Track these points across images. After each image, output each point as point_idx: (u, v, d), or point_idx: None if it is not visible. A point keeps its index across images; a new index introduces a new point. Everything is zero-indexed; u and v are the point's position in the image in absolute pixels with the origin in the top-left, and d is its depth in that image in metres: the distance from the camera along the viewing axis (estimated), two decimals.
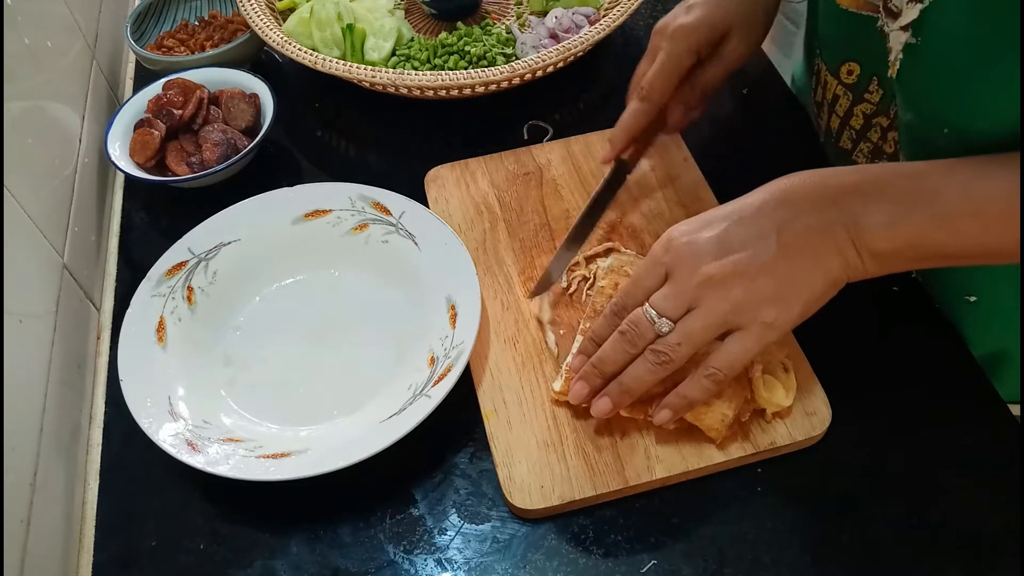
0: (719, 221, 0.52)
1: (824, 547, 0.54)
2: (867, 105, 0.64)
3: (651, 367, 0.52)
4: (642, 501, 0.56)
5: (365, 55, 0.85)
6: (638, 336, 0.53)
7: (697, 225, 0.53)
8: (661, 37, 0.66)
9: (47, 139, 0.70)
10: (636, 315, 0.53)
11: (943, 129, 0.52)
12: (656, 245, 0.54)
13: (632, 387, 0.54)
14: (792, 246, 0.50)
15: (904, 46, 0.52)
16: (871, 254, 0.50)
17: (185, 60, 0.85)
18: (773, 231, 0.50)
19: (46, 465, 0.56)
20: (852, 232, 0.49)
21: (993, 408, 0.60)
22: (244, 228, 0.70)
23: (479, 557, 0.55)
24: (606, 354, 0.55)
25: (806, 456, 0.58)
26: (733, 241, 0.51)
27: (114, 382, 0.63)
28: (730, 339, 0.51)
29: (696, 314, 0.51)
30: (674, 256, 0.52)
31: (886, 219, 0.49)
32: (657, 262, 0.53)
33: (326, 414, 0.61)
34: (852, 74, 0.64)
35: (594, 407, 0.56)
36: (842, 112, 0.67)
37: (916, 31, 0.51)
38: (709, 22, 0.65)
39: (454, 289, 0.64)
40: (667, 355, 0.52)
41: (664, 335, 0.52)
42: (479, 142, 0.80)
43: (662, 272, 0.53)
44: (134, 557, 0.56)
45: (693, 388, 0.53)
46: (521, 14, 0.93)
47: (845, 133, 0.68)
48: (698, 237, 0.52)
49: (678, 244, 0.52)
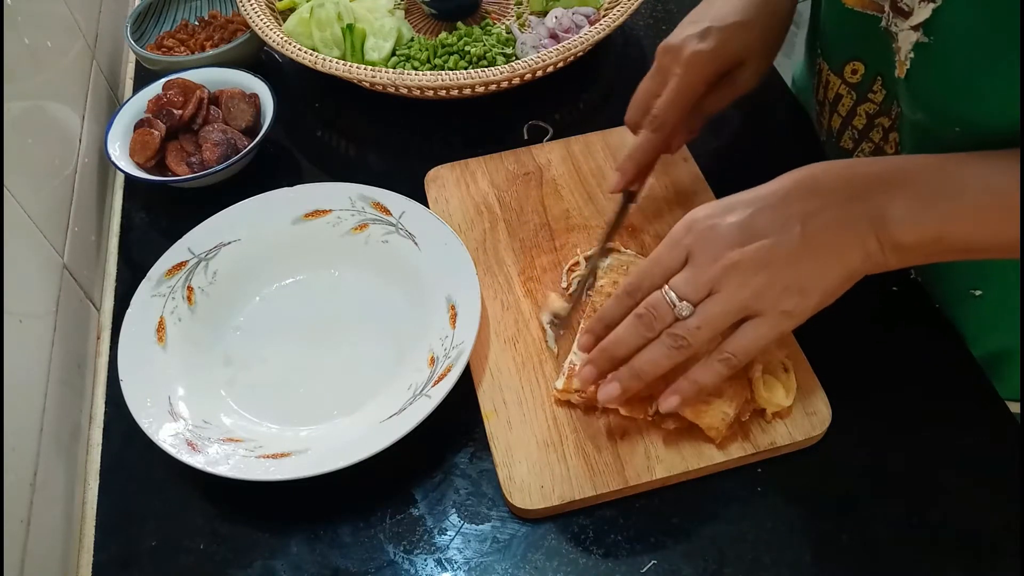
0: (743, 207, 0.51)
1: (824, 547, 0.54)
2: (870, 105, 0.64)
3: (668, 351, 0.51)
4: (642, 501, 0.56)
5: (365, 55, 0.85)
6: (656, 319, 0.52)
7: (720, 209, 0.52)
8: (674, 62, 0.63)
9: (47, 139, 0.70)
10: (655, 298, 0.52)
11: (954, 128, 0.52)
12: (677, 226, 0.53)
13: (646, 371, 0.53)
14: (816, 237, 0.50)
15: (915, 45, 0.52)
16: (894, 247, 0.49)
17: (185, 60, 0.85)
18: (797, 221, 0.50)
19: (46, 465, 0.56)
20: (877, 225, 0.49)
21: (993, 408, 0.60)
22: (244, 228, 0.70)
23: (479, 557, 0.55)
24: (619, 337, 0.53)
25: (806, 456, 0.58)
26: (757, 228, 0.50)
27: (114, 382, 0.63)
28: (747, 325, 0.51)
29: (717, 299, 0.50)
30: (696, 238, 0.51)
31: (911, 212, 0.49)
32: (678, 243, 0.52)
33: (326, 414, 0.61)
34: (856, 73, 0.63)
35: (602, 391, 0.54)
36: (844, 112, 0.66)
37: (928, 30, 0.51)
38: (727, 52, 0.63)
39: (454, 289, 0.64)
40: (685, 339, 0.51)
41: (684, 319, 0.51)
42: (479, 142, 0.80)
43: (683, 254, 0.52)
44: (134, 557, 0.56)
45: (706, 373, 0.52)
46: (521, 14, 0.93)
47: (847, 133, 0.67)
48: (722, 221, 0.51)
49: (702, 227, 0.52)
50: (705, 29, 0.62)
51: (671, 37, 0.64)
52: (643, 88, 0.66)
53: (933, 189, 0.49)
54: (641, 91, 0.66)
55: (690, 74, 0.62)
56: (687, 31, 0.63)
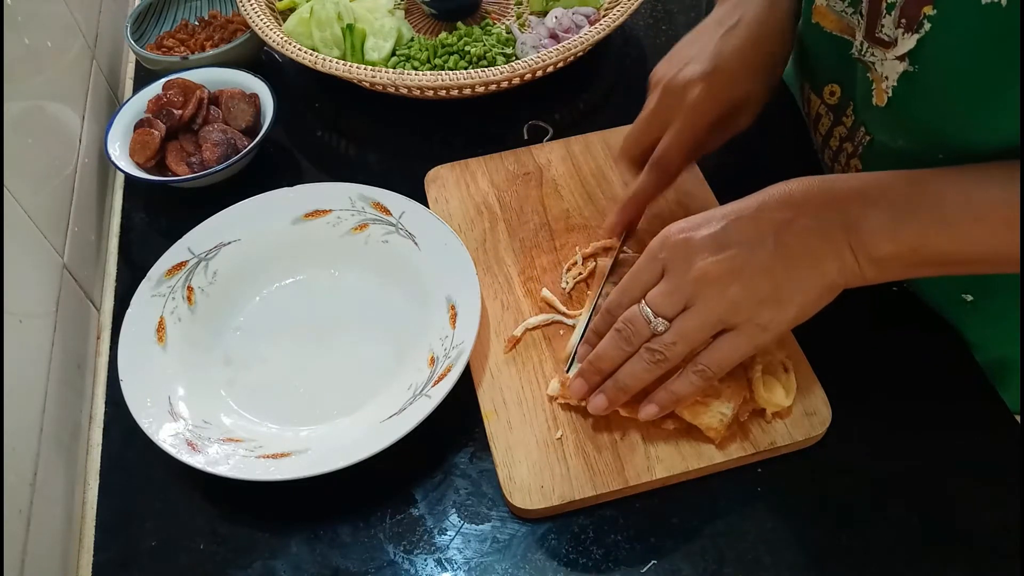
0: (717, 219, 0.52)
1: (824, 547, 0.54)
2: (842, 128, 0.63)
3: (647, 365, 0.53)
4: (642, 501, 0.56)
5: (365, 55, 0.85)
6: (634, 334, 0.53)
7: (695, 223, 0.53)
8: (677, 104, 0.60)
9: (47, 139, 0.70)
10: (632, 313, 0.53)
11: (938, 155, 0.52)
12: (653, 241, 0.54)
13: (628, 384, 0.54)
14: (789, 247, 0.50)
15: (900, 75, 0.52)
16: (870, 259, 0.49)
17: (185, 60, 0.85)
18: (771, 231, 0.50)
19: (46, 465, 0.56)
20: (851, 236, 0.49)
21: (993, 408, 0.60)
22: (244, 228, 0.70)
23: (479, 557, 0.55)
24: (603, 351, 0.55)
25: (806, 456, 0.58)
26: (730, 238, 0.51)
27: (114, 382, 0.63)
28: (722, 338, 0.52)
29: (691, 313, 0.51)
30: (670, 252, 0.53)
31: (887, 223, 0.49)
32: (654, 258, 0.53)
33: (326, 414, 0.61)
34: (834, 95, 0.63)
35: (590, 404, 0.56)
36: (824, 131, 0.66)
37: (913, 59, 0.50)
38: (731, 97, 0.61)
39: (454, 289, 0.64)
40: (662, 354, 0.52)
41: (660, 334, 0.52)
42: (479, 142, 0.80)
43: (659, 268, 0.53)
44: (134, 557, 0.56)
45: (681, 384, 0.53)
46: (521, 14, 0.93)
47: (826, 151, 0.67)
48: (695, 234, 0.52)
49: (675, 240, 0.53)
50: (709, 72, 0.59)
51: (671, 72, 0.61)
52: (641, 125, 0.64)
53: (910, 201, 0.49)
54: (639, 128, 0.64)
55: (695, 119, 0.60)
56: (690, 71, 0.60)
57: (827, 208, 0.50)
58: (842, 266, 0.50)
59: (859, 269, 0.50)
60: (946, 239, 0.48)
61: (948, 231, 0.48)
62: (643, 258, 0.54)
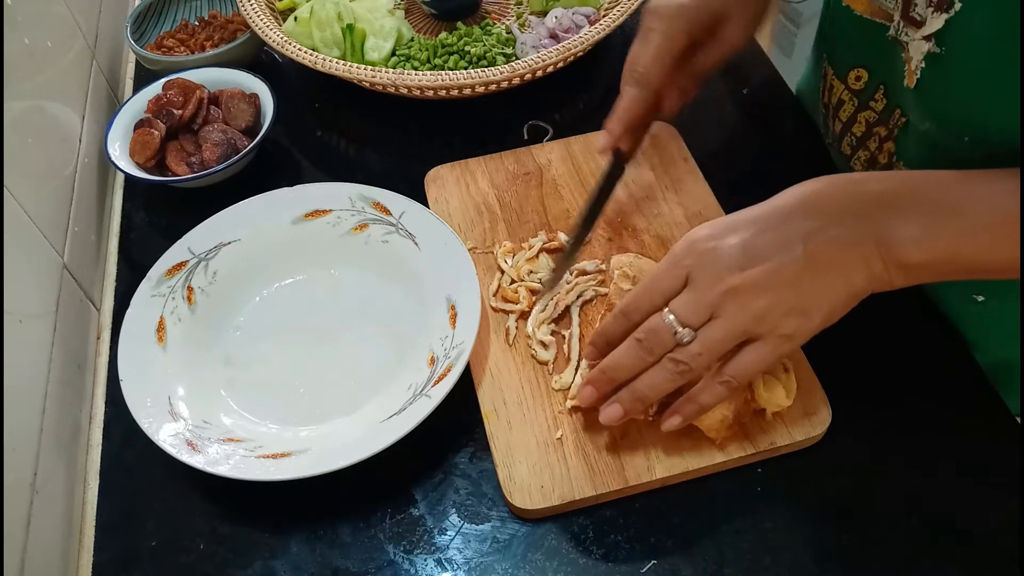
0: (744, 227, 0.50)
1: (824, 547, 0.54)
2: (870, 113, 0.63)
3: (669, 375, 0.51)
4: (642, 501, 0.56)
5: (365, 55, 0.85)
6: (657, 344, 0.51)
7: (720, 230, 0.51)
8: (654, 18, 0.63)
9: (47, 139, 0.70)
10: (655, 322, 0.51)
11: (963, 138, 0.52)
12: (676, 247, 0.52)
13: (647, 395, 0.52)
14: (818, 258, 0.49)
15: (926, 55, 0.52)
16: (899, 267, 0.48)
17: (185, 60, 0.85)
18: (800, 241, 0.49)
19: (46, 465, 0.56)
20: (882, 247, 0.48)
21: (994, 409, 0.60)
22: (244, 228, 0.70)
23: (479, 557, 0.55)
24: (619, 360, 0.53)
25: (806, 456, 0.58)
26: (758, 250, 0.49)
27: (114, 382, 0.63)
28: (748, 348, 0.50)
29: (717, 324, 0.49)
30: (696, 260, 0.50)
31: (918, 233, 0.48)
32: (678, 264, 0.51)
33: (326, 414, 0.61)
34: (860, 80, 0.63)
35: (603, 414, 0.54)
36: (845, 117, 0.66)
37: (939, 41, 0.50)
38: (704, 3, 0.63)
39: (454, 289, 0.64)
40: (687, 364, 0.50)
41: (684, 344, 0.50)
42: (479, 142, 0.80)
43: (683, 275, 0.51)
44: (134, 557, 0.56)
45: (708, 395, 0.52)
46: (521, 14, 0.93)
47: (846, 138, 0.67)
48: (722, 243, 0.50)
49: (701, 248, 0.50)
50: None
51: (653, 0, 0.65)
52: (631, 54, 0.66)
53: (941, 209, 0.48)
54: (630, 57, 0.66)
55: (670, 27, 0.62)
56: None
57: (857, 217, 0.49)
58: (871, 275, 0.49)
59: (888, 277, 0.49)
60: (975, 247, 0.48)
61: (979, 240, 0.47)
62: (665, 264, 0.52)
